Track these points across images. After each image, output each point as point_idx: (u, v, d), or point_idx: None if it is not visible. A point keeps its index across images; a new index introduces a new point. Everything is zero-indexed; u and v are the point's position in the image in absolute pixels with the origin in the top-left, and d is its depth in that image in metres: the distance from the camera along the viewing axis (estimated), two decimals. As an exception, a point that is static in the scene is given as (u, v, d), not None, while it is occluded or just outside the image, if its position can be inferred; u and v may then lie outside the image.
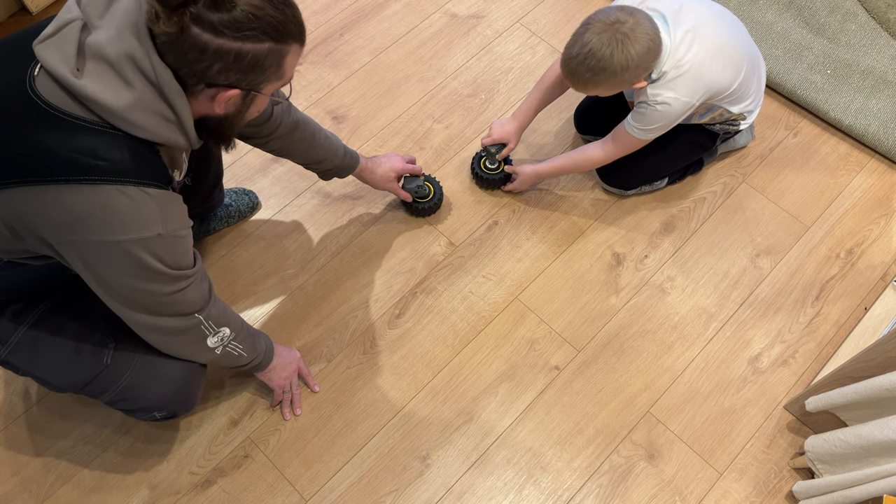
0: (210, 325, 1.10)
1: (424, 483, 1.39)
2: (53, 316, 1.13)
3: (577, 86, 1.36)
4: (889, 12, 1.93)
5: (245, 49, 0.85)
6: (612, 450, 1.42)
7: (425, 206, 1.64)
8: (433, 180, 1.66)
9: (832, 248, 1.66)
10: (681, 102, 1.37)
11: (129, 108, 0.84)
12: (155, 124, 0.88)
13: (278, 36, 0.86)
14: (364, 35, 1.96)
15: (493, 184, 1.69)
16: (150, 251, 0.92)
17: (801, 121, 1.84)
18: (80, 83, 0.82)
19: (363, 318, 1.55)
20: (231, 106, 0.93)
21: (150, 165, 0.91)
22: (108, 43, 0.82)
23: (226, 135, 1.01)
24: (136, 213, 0.89)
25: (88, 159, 0.85)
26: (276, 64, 0.90)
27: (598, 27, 1.28)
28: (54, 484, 1.36)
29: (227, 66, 0.86)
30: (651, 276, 1.62)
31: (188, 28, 0.81)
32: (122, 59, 0.83)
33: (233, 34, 0.83)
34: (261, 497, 1.36)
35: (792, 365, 1.52)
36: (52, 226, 0.88)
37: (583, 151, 1.57)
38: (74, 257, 0.92)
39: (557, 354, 1.52)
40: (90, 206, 0.87)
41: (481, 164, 1.67)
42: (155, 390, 1.17)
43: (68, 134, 0.84)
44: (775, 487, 1.39)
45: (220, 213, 1.61)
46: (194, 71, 0.85)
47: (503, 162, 1.67)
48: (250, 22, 0.83)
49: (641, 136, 1.45)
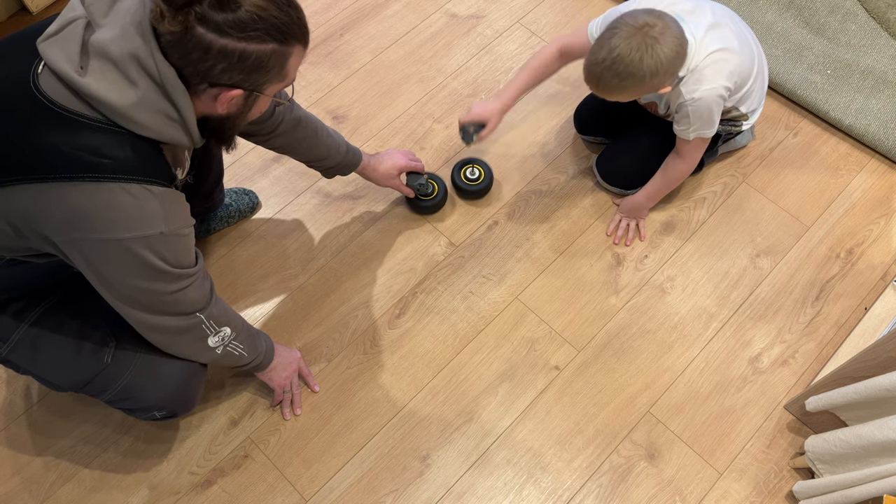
0: (211, 325, 1.10)
1: (424, 483, 1.39)
2: (54, 314, 1.13)
3: (601, 91, 1.32)
4: (889, 12, 1.93)
5: (249, 50, 0.85)
6: (612, 450, 1.43)
7: (429, 204, 1.64)
8: (437, 178, 1.66)
9: (832, 248, 1.66)
10: (718, 89, 1.35)
11: (133, 107, 0.85)
12: (158, 123, 0.88)
13: (282, 37, 0.87)
14: (364, 35, 1.96)
15: (473, 195, 1.68)
16: (152, 249, 0.92)
17: (801, 121, 1.84)
18: (84, 81, 0.82)
19: (363, 318, 1.55)
20: (233, 106, 0.93)
21: (153, 163, 0.91)
22: (111, 41, 0.83)
23: (227, 135, 1.01)
24: (138, 211, 0.89)
25: (92, 157, 0.85)
26: (279, 65, 0.90)
27: (626, 31, 1.23)
28: (55, 483, 1.36)
29: (231, 67, 0.86)
30: (651, 276, 1.62)
31: (193, 27, 0.81)
32: (126, 57, 0.83)
33: (237, 34, 0.83)
34: (261, 497, 1.37)
35: (792, 365, 1.52)
36: (54, 223, 0.89)
37: (671, 171, 1.54)
38: (77, 255, 0.92)
39: (557, 354, 1.52)
40: (93, 204, 0.87)
41: (461, 173, 1.67)
42: (155, 390, 1.17)
43: (72, 131, 0.84)
44: (775, 487, 1.39)
45: (220, 213, 1.62)
46: (198, 70, 0.86)
47: (483, 170, 1.66)
48: (255, 23, 0.83)
49: (700, 133, 1.42)
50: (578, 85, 1.88)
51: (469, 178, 1.67)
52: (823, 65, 1.87)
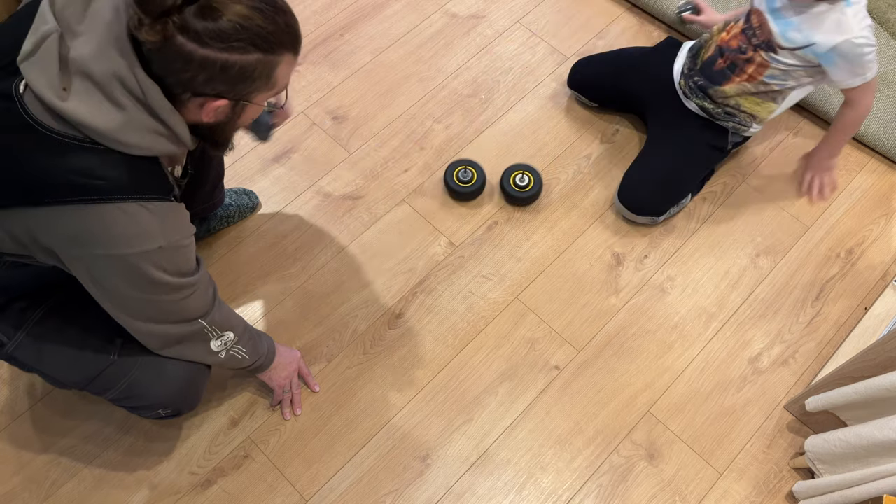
0: (213, 330, 1.10)
1: (424, 483, 1.39)
2: (60, 311, 1.13)
3: None
4: (889, 12, 1.92)
5: (231, 60, 0.82)
6: (612, 450, 1.43)
7: (468, 191, 1.66)
8: (476, 165, 1.68)
9: (832, 248, 1.66)
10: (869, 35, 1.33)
11: (121, 129, 0.83)
12: (149, 140, 0.87)
13: (267, 47, 0.84)
14: (364, 35, 1.96)
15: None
16: (153, 263, 0.92)
17: (801, 121, 1.84)
18: (69, 106, 0.80)
19: (363, 318, 1.55)
20: (220, 115, 0.91)
21: (148, 179, 0.90)
22: (91, 60, 0.80)
23: (219, 141, 1.00)
24: (136, 229, 0.88)
25: (85, 179, 0.84)
26: (265, 75, 0.87)
27: None
28: (55, 483, 1.36)
29: (213, 77, 0.83)
30: (651, 276, 1.62)
31: (173, 37, 0.78)
32: (109, 78, 0.81)
33: (218, 45, 0.80)
34: (261, 497, 1.37)
35: (792, 365, 1.52)
36: (56, 241, 0.89)
37: (855, 120, 1.50)
38: (80, 270, 0.93)
39: (557, 354, 1.52)
40: (91, 225, 0.86)
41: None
42: (160, 388, 1.17)
43: (62, 154, 0.83)
44: (775, 487, 1.39)
45: (220, 213, 1.62)
46: (180, 80, 0.83)
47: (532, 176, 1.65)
48: (237, 33, 0.80)
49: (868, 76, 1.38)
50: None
51: (518, 184, 1.66)
52: (823, 65, 1.87)
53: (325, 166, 1.74)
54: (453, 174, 1.68)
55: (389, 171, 1.74)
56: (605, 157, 1.77)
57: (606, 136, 1.80)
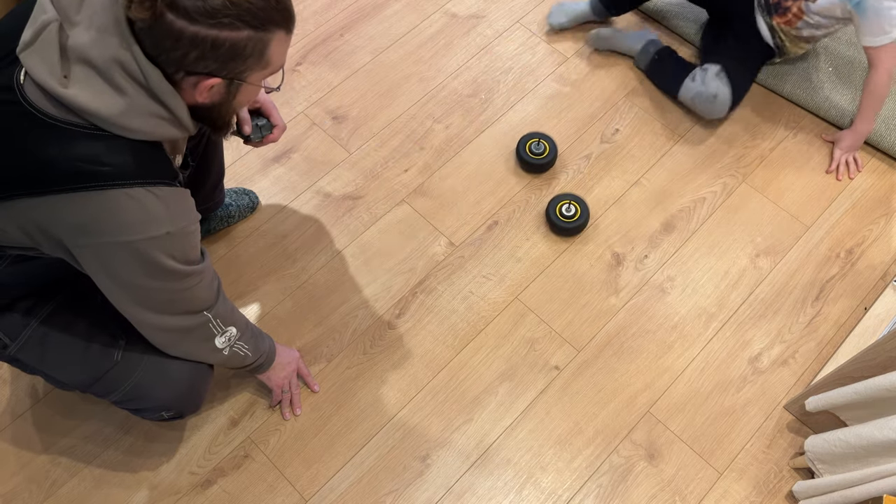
0: (218, 324, 1.10)
1: (424, 483, 1.39)
2: (63, 312, 1.13)
3: None
4: (889, 12, 1.92)
5: (221, 37, 0.81)
6: (612, 450, 1.43)
7: (542, 163, 1.70)
8: (548, 137, 1.73)
9: (832, 248, 1.66)
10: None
11: (123, 114, 0.83)
12: (152, 125, 0.87)
13: (258, 23, 0.83)
14: (364, 35, 1.96)
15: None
16: (161, 249, 0.92)
17: (801, 121, 1.84)
18: (70, 93, 0.81)
19: (363, 318, 1.55)
20: (215, 95, 0.91)
21: (153, 164, 0.90)
22: (91, 45, 0.80)
23: (217, 124, 0.99)
24: (144, 215, 0.88)
25: (91, 166, 0.84)
26: (258, 52, 0.86)
27: None
28: (56, 482, 1.37)
29: (204, 55, 0.83)
30: (651, 276, 1.62)
31: (163, 14, 0.78)
32: (109, 63, 0.81)
33: (207, 21, 0.79)
34: (261, 497, 1.37)
35: (792, 365, 1.52)
36: (64, 230, 0.88)
37: (876, 85, 1.62)
38: (88, 259, 0.92)
39: (557, 354, 1.52)
40: (99, 212, 0.86)
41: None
42: (163, 390, 1.17)
43: (67, 142, 0.83)
44: (775, 487, 1.40)
45: (220, 213, 1.62)
46: (171, 59, 0.83)
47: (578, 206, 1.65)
48: (226, 9, 0.79)
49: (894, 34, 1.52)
50: (578, 85, 1.88)
51: (565, 214, 1.64)
52: (824, 63, 1.87)
53: (325, 166, 1.74)
54: (526, 146, 1.71)
55: (389, 171, 1.74)
56: (604, 157, 1.77)
57: (606, 136, 1.81)
